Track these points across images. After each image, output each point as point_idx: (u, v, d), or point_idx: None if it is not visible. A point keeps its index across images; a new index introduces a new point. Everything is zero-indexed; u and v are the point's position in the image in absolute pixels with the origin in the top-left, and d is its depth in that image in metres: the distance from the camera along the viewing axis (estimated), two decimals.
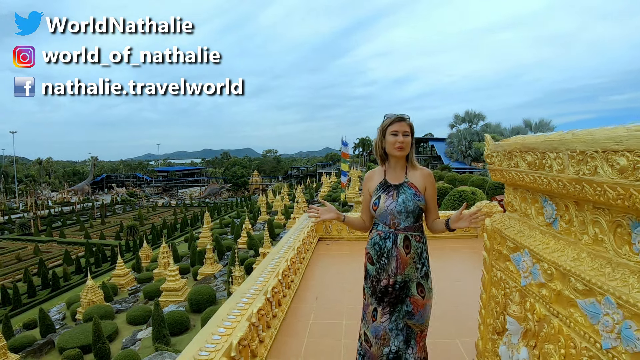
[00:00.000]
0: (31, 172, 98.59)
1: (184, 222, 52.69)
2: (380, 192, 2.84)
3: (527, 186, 2.17)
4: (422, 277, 2.78)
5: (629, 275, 1.36)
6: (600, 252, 1.57)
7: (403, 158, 2.86)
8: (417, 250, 2.77)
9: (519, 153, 2.12)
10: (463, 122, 65.85)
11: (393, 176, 2.88)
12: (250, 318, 3.76)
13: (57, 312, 26.23)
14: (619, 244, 1.47)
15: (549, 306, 1.83)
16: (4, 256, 41.46)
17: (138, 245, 39.80)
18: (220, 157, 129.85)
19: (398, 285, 2.74)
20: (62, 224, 58.83)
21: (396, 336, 2.77)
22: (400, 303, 2.78)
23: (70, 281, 33.26)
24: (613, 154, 1.35)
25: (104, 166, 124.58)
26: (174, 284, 23.07)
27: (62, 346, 17.97)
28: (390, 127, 2.79)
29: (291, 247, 6.63)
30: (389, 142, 2.79)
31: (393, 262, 2.72)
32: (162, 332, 16.35)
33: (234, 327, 3.52)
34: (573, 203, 1.74)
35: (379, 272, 2.78)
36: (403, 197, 2.75)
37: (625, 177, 1.29)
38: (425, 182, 2.82)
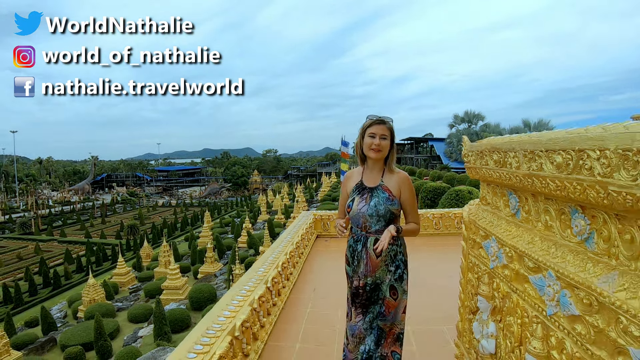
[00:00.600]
0: (32, 171, 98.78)
1: (184, 221, 52.94)
2: (355, 195, 2.86)
3: (495, 182, 2.45)
4: (395, 280, 2.79)
5: (567, 254, 1.62)
6: (550, 236, 1.83)
7: (381, 161, 2.86)
8: (390, 252, 2.76)
9: (488, 152, 2.41)
10: (462, 122, 65.92)
11: (369, 178, 2.89)
12: (252, 304, 4.08)
13: (58, 311, 26.41)
14: (563, 228, 1.72)
15: (510, 284, 2.10)
16: (5, 255, 41.64)
17: (138, 245, 40.00)
18: (221, 157, 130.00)
19: (368, 287, 2.77)
20: (62, 223, 59.07)
21: (369, 335, 2.82)
22: (373, 304, 2.81)
23: (71, 280, 33.47)
24: (553, 152, 1.60)
25: (104, 166, 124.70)
26: (175, 282, 23.32)
27: (64, 344, 18.22)
28: (369, 128, 2.79)
29: (290, 242, 6.97)
30: (366, 144, 2.80)
31: (363, 264, 2.75)
32: (164, 329, 16.57)
33: (237, 310, 3.81)
34: (530, 195, 2.00)
35: (352, 274, 2.84)
36: (375, 200, 2.75)
37: (561, 172, 1.54)
38: (400, 186, 2.80)
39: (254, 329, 4.06)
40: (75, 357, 17.08)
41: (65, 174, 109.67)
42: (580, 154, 1.40)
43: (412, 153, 74.67)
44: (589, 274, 1.41)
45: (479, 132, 61.21)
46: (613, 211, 1.32)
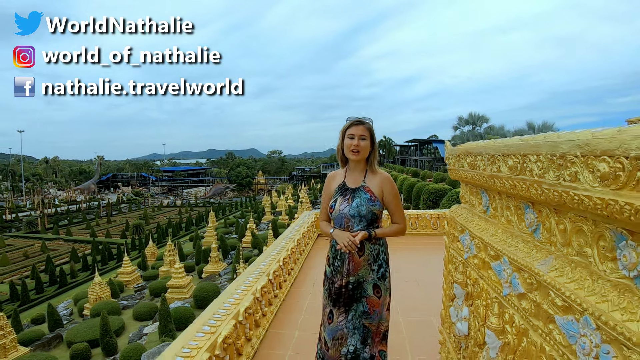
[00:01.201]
0: (38, 170, 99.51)
1: (189, 221, 53.35)
2: (337, 196, 2.88)
3: (470, 182, 2.71)
4: (379, 279, 2.80)
5: (519, 243, 1.86)
6: (509, 228, 2.07)
7: (362, 161, 2.88)
8: (373, 252, 2.79)
9: (464, 156, 2.66)
10: (467, 124, 65.92)
11: (352, 179, 2.90)
12: (254, 293, 4.42)
13: (64, 308, 26.76)
14: (519, 221, 1.96)
15: (478, 271, 2.35)
16: (11, 253, 42.05)
17: (144, 244, 40.38)
18: (225, 158, 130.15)
19: (351, 285, 2.78)
20: (68, 222, 59.58)
21: (353, 335, 2.80)
22: (356, 302, 2.81)
23: (77, 278, 33.85)
24: (507, 157, 1.85)
25: (109, 165, 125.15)
26: (180, 281, 23.63)
27: (70, 340, 18.50)
28: (349, 130, 2.81)
29: (292, 239, 7.31)
30: (346, 145, 2.83)
31: (345, 264, 2.77)
32: (168, 326, 16.85)
33: (241, 299, 4.14)
34: (496, 194, 2.24)
35: (333, 274, 2.84)
36: (357, 201, 2.76)
37: (512, 173, 1.78)
38: (382, 186, 2.82)
39: (256, 316, 4.37)
40: (82, 353, 17.36)
41: (71, 173, 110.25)
42: (524, 157, 1.65)
43: (416, 155, 74.71)
44: (532, 258, 1.67)
45: (483, 134, 61.20)
46: (551, 205, 1.59)
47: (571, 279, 1.40)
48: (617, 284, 1.23)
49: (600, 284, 1.28)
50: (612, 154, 1.08)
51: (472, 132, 64.27)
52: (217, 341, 3.33)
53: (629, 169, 1.04)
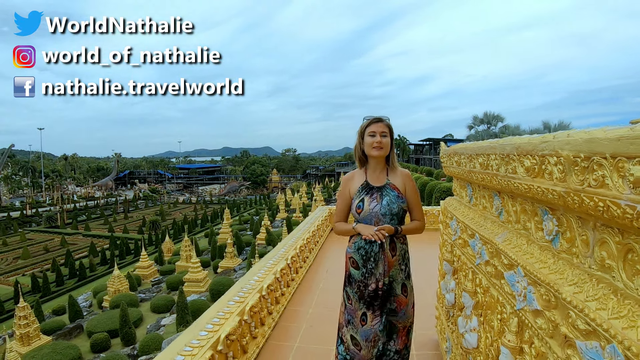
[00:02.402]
0: (57, 167, 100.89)
1: (204, 218, 54.08)
2: (363, 195, 2.86)
3: (458, 177, 3.16)
4: (405, 278, 2.86)
5: (489, 223, 2.30)
6: (484, 213, 2.51)
7: (383, 159, 2.90)
8: (402, 251, 2.83)
9: (453, 155, 3.10)
10: (481, 123, 65.40)
11: (374, 178, 2.90)
12: (275, 273, 5.09)
13: (84, 300, 27.42)
14: (490, 207, 2.38)
15: (461, 249, 2.82)
16: (32, 247, 43.03)
17: (160, 240, 41.05)
18: (240, 156, 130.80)
19: (386, 287, 2.79)
20: (87, 217, 60.74)
21: (383, 335, 2.85)
22: (387, 303, 2.84)
23: (95, 272, 34.63)
24: (479, 156, 2.30)
25: (126, 163, 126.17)
26: (196, 275, 24.21)
27: (90, 330, 19.12)
28: (368, 128, 2.83)
29: (307, 231, 8.00)
30: (367, 144, 2.83)
31: (381, 265, 2.75)
32: (186, 318, 17.38)
33: (264, 277, 4.81)
34: (477, 186, 2.69)
35: (365, 277, 2.80)
36: (387, 199, 2.77)
37: (483, 169, 2.21)
38: (405, 183, 2.86)
39: (276, 294, 5.04)
40: (102, 342, 17.97)
41: (89, 170, 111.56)
42: (487, 157, 2.11)
43: (430, 154, 74.66)
44: (494, 234, 2.15)
45: (498, 134, 60.84)
46: (509, 193, 2.05)
47: (514, 245, 1.85)
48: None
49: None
50: (532, 154, 1.55)
51: (487, 131, 63.97)
52: (245, 309, 3.89)
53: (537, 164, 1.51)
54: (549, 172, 1.40)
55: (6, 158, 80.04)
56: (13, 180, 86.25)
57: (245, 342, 3.87)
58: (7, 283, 32.97)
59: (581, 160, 1.17)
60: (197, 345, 3.22)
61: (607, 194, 1.06)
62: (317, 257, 8.14)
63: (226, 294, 4.17)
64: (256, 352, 4.13)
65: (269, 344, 4.42)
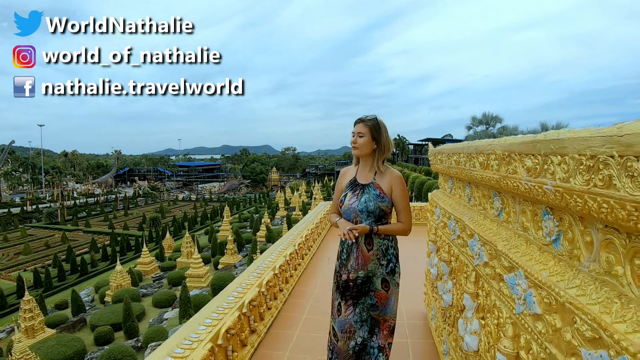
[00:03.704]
0: (57, 164, 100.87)
1: (204, 215, 54.38)
2: (347, 190, 2.97)
3: (441, 172, 3.72)
4: (387, 273, 2.86)
5: (464, 208, 2.86)
6: (460, 200, 3.07)
7: (370, 158, 2.96)
8: (382, 247, 2.85)
9: (437, 154, 3.65)
10: (480, 124, 65.81)
11: (363, 176, 2.99)
12: (285, 257, 5.75)
13: (86, 295, 27.64)
14: (464, 195, 2.93)
15: (442, 230, 3.39)
16: (33, 243, 43.19)
17: (160, 236, 41.41)
18: (240, 154, 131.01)
19: (360, 279, 2.83)
20: (87, 214, 60.74)
21: (361, 327, 2.88)
22: (364, 296, 2.86)
23: (97, 267, 34.94)
24: (454, 155, 2.85)
25: (126, 160, 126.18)
26: (198, 271, 24.63)
27: (93, 324, 19.45)
28: (354, 127, 2.96)
29: (311, 222, 8.69)
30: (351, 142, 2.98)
31: (353, 258, 2.84)
32: (188, 311, 17.81)
33: (275, 260, 5.48)
34: (455, 179, 3.23)
35: (340, 268, 2.93)
36: (366, 197, 2.83)
37: (457, 165, 2.77)
38: (392, 184, 2.87)
39: (286, 274, 5.70)
40: (105, 335, 18.33)
41: (88, 167, 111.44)
42: (459, 156, 2.65)
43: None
44: (462, 214, 2.67)
45: (496, 134, 61.23)
46: (474, 182, 2.56)
47: (475, 220, 2.35)
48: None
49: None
50: (483, 153, 2.05)
51: (485, 132, 64.35)
52: (263, 283, 4.43)
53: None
54: (491, 166, 1.92)
55: (6, 154, 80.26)
56: (13, 177, 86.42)
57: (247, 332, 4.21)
58: (8, 278, 33.27)
59: (506, 156, 1.71)
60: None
61: (516, 177, 1.64)
62: (320, 247, 8.86)
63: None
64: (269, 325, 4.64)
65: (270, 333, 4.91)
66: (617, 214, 1.04)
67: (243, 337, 3.97)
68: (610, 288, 1.19)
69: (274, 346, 4.32)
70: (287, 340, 4.44)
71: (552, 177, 1.32)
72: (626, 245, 1.12)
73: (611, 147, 1.02)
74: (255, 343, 4.20)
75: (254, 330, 4.30)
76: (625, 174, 0.99)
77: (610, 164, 1.04)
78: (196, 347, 3.22)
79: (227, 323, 3.62)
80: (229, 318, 3.69)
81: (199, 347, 3.23)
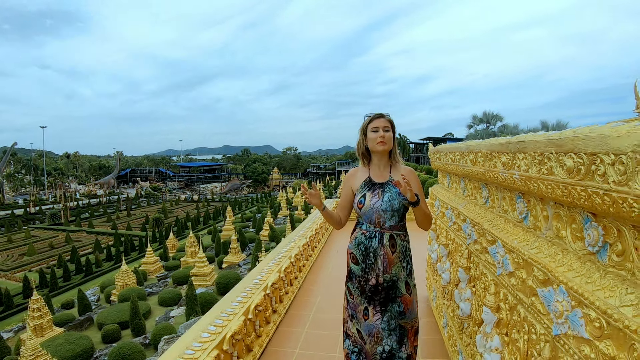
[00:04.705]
0: (59, 165, 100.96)
1: (207, 215, 54.61)
2: (365, 191, 2.86)
3: (440, 168, 4.16)
4: (408, 275, 2.83)
5: (459, 198, 3.28)
6: (456, 193, 3.49)
7: (386, 156, 2.90)
8: (402, 248, 2.80)
9: (436, 153, 4.09)
10: (481, 122, 65.74)
11: (377, 174, 2.90)
12: (299, 247, 6.23)
13: (91, 295, 27.91)
14: (459, 188, 3.36)
15: (441, 219, 3.84)
16: (37, 244, 43.47)
17: (164, 236, 41.64)
18: (241, 154, 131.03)
19: (386, 284, 2.76)
20: (90, 215, 60.97)
21: (389, 336, 2.80)
22: (391, 302, 2.80)
23: (101, 267, 35.29)
24: (451, 153, 3.28)
25: (128, 161, 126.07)
26: (203, 270, 25.00)
27: (101, 322, 19.81)
28: (371, 124, 2.84)
29: (320, 217, 9.19)
30: (370, 139, 2.84)
31: (380, 261, 2.74)
32: (195, 309, 18.14)
33: (291, 250, 5.90)
34: (452, 175, 3.66)
35: (365, 272, 2.80)
36: (388, 195, 2.75)
37: (453, 162, 3.20)
38: (409, 179, 2.67)
39: (299, 264, 6.12)
40: (112, 333, 18.67)
41: (90, 168, 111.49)
42: (454, 154, 3.09)
43: None
44: (457, 203, 3.11)
45: (497, 133, 61.23)
46: (467, 176, 3.00)
47: (468, 208, 2.77)
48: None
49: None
50: (472, 152, 2.48)
51: (485, 130, 64.32)
52: (282, 268, 4.83)
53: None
54: (479, 162, 2.36)
55: (9, 156, 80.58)
56: (16, 178, 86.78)
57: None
58: (14, 279, 33.62)
59: (489, 154, 2.16)
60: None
61: (496, 170, 2.11)
62: (328, 240, 9.42)
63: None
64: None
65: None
66: (557, 193, 1.48)
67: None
68: (557, 246, 1.66)
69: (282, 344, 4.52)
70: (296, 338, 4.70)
71: (518, 169, 1.78)
72: (567, 215, 1.57)
73: (551, 147, 1.47)
74: (263, 343, 4.37)
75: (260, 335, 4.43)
76: (559, 165, 1.44)
77: (551, 158, 1.49)
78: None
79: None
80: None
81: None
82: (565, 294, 1.47)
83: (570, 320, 1.44)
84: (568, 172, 1.38)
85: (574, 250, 1.54)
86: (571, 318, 1.43)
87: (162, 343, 14.89)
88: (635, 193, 1.05)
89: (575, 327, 1.41)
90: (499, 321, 2.19)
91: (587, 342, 1.35)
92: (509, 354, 2.04)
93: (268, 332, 4.40)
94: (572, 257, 1.53)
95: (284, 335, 4.60)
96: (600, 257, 1.38)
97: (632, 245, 1.20)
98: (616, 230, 1.27)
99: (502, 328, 2.16)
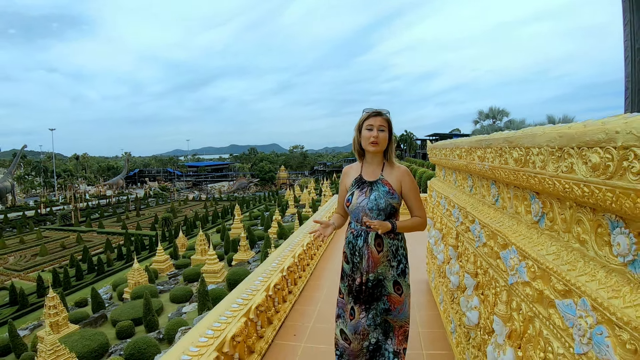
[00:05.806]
0: (69, 167, 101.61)
1: (215, 214, 54.98)
2: (354, 189, 2.81)
3: (437, 163, 4.58)
4: (399, 275, 2.77)
5: (453, 189, 3.68)
6: (450, 185, 3.91)
7: (380, 154, 2.82)
8: (392, 247, 2.74)
9: (433, 149, 4.49)
10: (487, 118, 65.53)
11: (369, 172, 2.83)
12: (303, 246, 6.54)
13: (104, 293, 28.46)
14: (453, 180, 3.78)
15: (437, 208, 4.23)
16: (49, 244, 43.95)
17: (173, 235, 42.17)
18: (248, 153, 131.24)
19: (370, 283, 2.73)
20: (100, 215, 61.65)
21: (374, 330, 2.81)
22: (376, 301, 2.78)
23: (113, 267, 35.73)
24: (444, 149, 3.69)
25: (136, 161, 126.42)
26: (213, 267, 25.43)
27: (114, 319, 20.38)
28: (367, 121, 2.72)
29: (328, 212, 9.81)
30: (364, 137, 2.74)
31: (364, 260, 2.71)
32: (207, 304, 18.58)
33: (299, 244, 6.21)
34: (447, 168, 4.07)
35: (353, 271, 2.79)
36: (375, 194, 2.69)
37: (445, 157, 3.61)
38: (401, 180, 2.75)
39: (310, 252, 6.64)
40: (127, 329, 19.16)
41: (99, 169, 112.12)
42: (446, 150, 3.50)
43: None
44: (450, 194, 3.52)
45: (503, 128, 61.04)
46: (459, 170, 3.40)
47: (464, 201, 3.18)
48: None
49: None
50: (461, 147, 2.89)
51: (492, 126, 64.07)
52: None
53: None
54: (463, 156, 2.78)
55: (19, 159, 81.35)
56: (26, 180, 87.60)
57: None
58: (27, 279, 34.10)
59: (469, 149, 2.56)
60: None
61: (474, 163, 2.49)
62: (334, 238, 9.72)
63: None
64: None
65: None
66: (510, 178, 1.90)
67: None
68: (514, 219, 2.06)
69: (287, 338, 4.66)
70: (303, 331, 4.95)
71: (488, 161, 2.20)
72: (521, 194, 1.99)
73: (505, 143, 1.89)
74: (270, 339, 4.52)
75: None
76: (511, 158, 1.86)
77: (505, 152, 1.92)
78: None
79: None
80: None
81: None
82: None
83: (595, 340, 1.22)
84: (516, 162, 1.79)
85: (526, 221, 1.94)
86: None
87: (179, 334, 15.32)
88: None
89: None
90: (477, 284, 2.62)
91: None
92: (483, 308, 2.45)
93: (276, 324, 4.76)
94: (523, 226, 1.91)
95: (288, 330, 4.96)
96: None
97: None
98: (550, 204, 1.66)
99: (479, 290, 2.62)
